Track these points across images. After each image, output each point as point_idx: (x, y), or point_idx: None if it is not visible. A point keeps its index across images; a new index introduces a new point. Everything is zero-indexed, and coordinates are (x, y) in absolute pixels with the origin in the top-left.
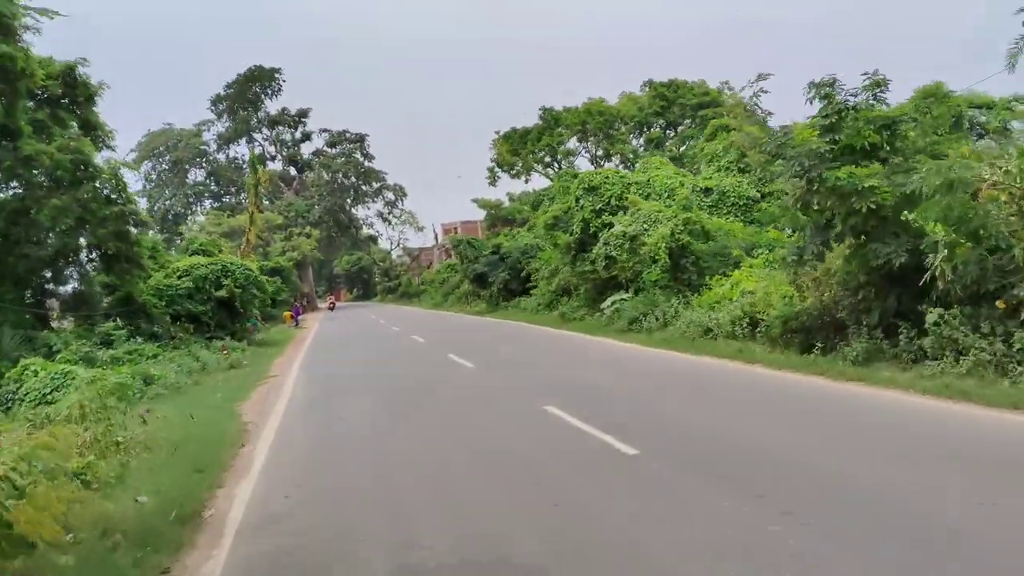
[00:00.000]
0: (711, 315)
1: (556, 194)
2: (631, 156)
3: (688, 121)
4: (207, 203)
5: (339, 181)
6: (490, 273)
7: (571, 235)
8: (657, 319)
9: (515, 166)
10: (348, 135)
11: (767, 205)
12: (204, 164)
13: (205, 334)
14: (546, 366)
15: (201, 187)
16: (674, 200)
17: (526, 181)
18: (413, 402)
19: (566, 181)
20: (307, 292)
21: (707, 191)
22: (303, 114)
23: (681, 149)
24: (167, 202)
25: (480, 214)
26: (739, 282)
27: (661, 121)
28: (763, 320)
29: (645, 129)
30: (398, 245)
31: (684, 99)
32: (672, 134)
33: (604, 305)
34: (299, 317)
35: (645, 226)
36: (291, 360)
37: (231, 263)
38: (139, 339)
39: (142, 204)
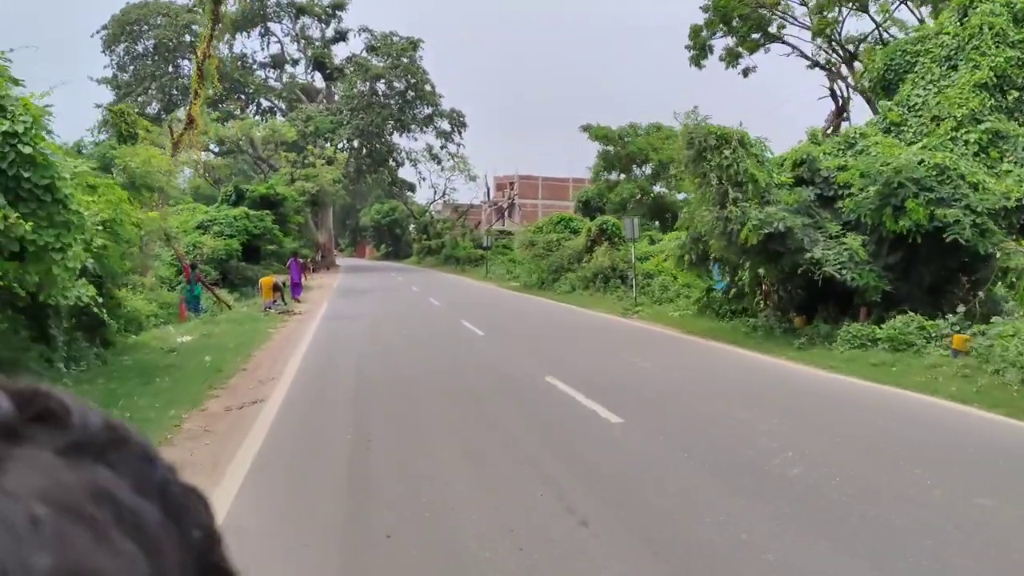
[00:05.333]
0: None
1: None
2: None
3: None
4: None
5: (380, 93)
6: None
7: None
8: None
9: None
10: (396, 40)
11: None
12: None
13: None
14: None
15: (187, 79)
16: None
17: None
18: None
19: None
20: (323, 243)
21: None
22: (339, 5)
23: None
24: (139, 99)
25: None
26: None
27: None
28: None
29: None
30: (443, 196)
31: None
32: None
33: None
34: (300, 284)
35: None
36: None
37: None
38: None
39: (107, 98)
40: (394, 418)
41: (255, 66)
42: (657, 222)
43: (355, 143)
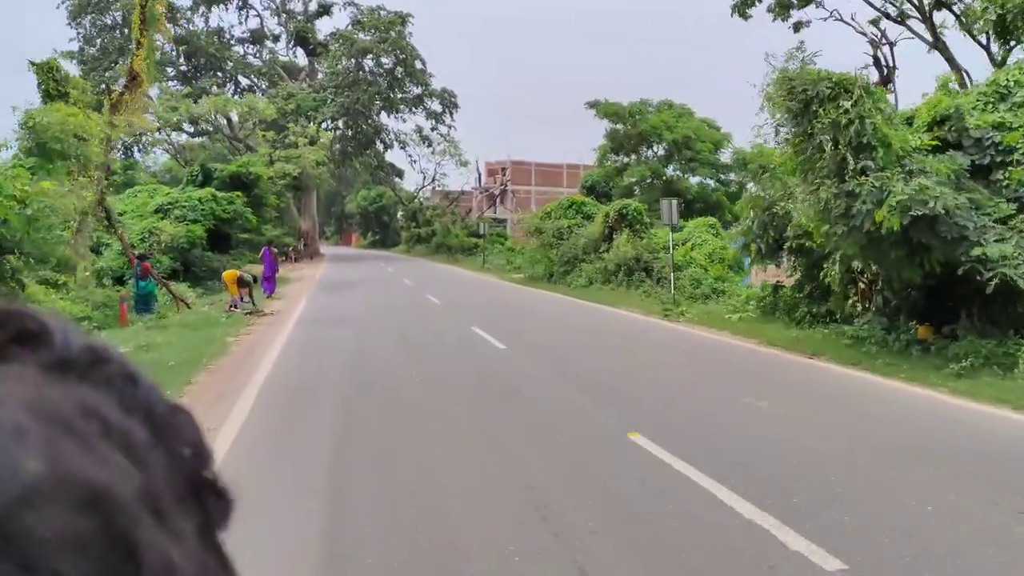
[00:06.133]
0: None
1: None
2: None
3: None
4: (173, 85)
5: (367, 69)
6: None
7: None
8: None
9: None
10: (384, 13)
11: None
12: (170, 24)
13: None
14: None
15: (160, 55)
16: None
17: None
18: None
19: None
20: (306, 230)
21: None
22: None
23: None
24: (106, 73)
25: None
26: None
27: None
28: None
29: None
30: (432, 182)
31: None
32: None
33: None
34: (273, 277)
35: None
36: None
37: None
38: None
39: (74, 72)
40: (400, 532)
41: (233, 41)
42: None
43: (340, 123)
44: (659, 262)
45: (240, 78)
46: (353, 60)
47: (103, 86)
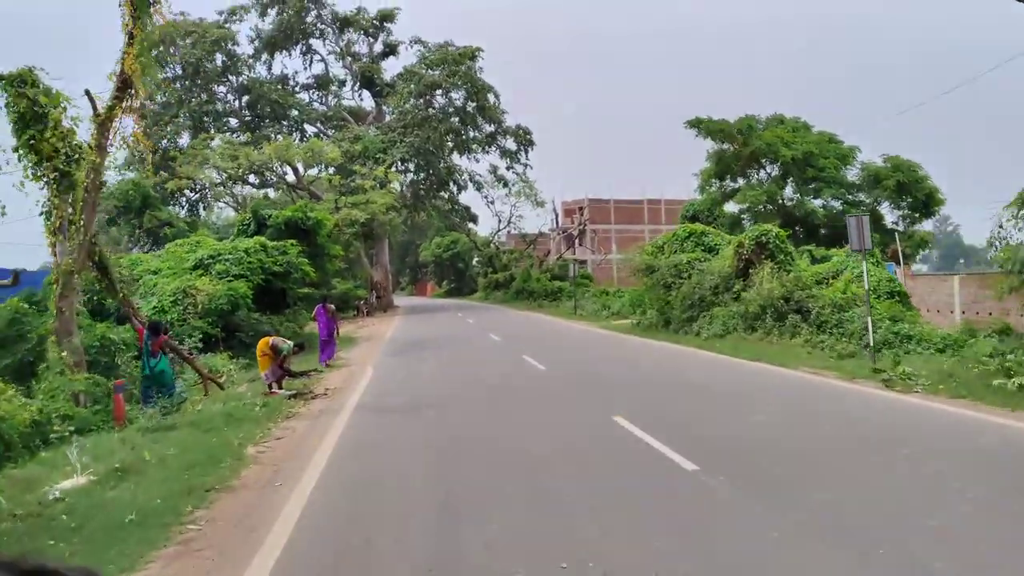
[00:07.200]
0: None
1: None
2: None
3: None
4: (237, 136)
5: (436, 106)
6: None
7: None
8: None
9: None
10: (453, 48)
11: None
12: (231, 74)
13: None
14: None
15: (222, 103)
16: None
17: None
18: None
19: None
20: (379, 281)
21: None
22: (387, 16)
23: None
24: (167, 127)
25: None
26: None
27: None
28: None
29: None
30: (508, 225)
31: None
32: None
33: None
34: (330, 340)
35: None
36: None
37: None
38: None
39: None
40: None
41: (297, 88)
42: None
43: (410, 165)
44: (815, 301)
45: (306, 126)
46: (422, 98)
47: (163, 141)
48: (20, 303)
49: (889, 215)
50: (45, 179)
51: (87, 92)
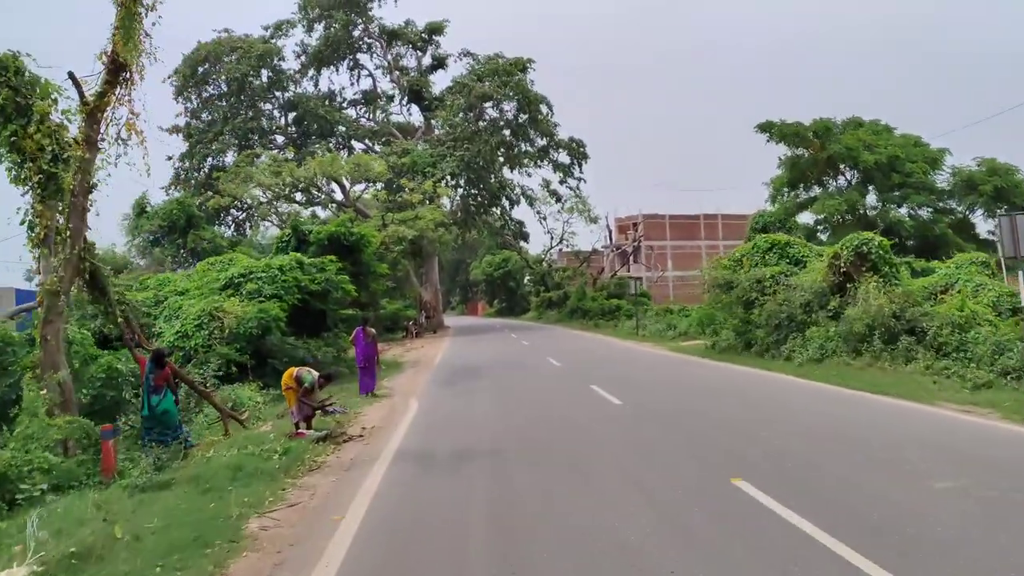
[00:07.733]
0: None
1: None
2: None
3: None
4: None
5: (487, 119)
6: None
7: None
8: None
9: None
10: (503, 60)
11: None
12: (277, 90)
13: None
14: None
15: (268, 120)
16: None
17: None
18: None
19: None
20: (428, 300)
21: None
22: (436, 29)
23: None
24: (212, 146)
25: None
26: None
27: None
28: None
29: None
30: (560, 242)
31: None
32: None
33: None
34: (371, 368)
35: None
36: None
37: None
38: None
39: (181, 148)
40: None
41: (345, 104)
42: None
43: (460, 180)
44: (931, 320)
45: (353, 142)
46: (472, 110)
47: (208, 159)
48: (5, 330)
49: (982, 224)
50: (28, 182)
51: (71, 75)
